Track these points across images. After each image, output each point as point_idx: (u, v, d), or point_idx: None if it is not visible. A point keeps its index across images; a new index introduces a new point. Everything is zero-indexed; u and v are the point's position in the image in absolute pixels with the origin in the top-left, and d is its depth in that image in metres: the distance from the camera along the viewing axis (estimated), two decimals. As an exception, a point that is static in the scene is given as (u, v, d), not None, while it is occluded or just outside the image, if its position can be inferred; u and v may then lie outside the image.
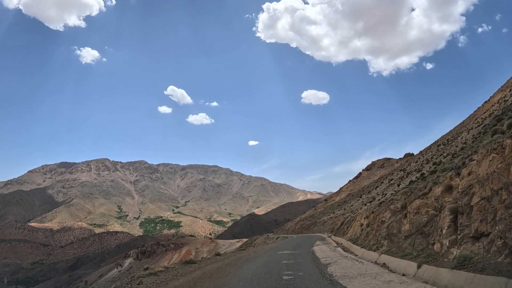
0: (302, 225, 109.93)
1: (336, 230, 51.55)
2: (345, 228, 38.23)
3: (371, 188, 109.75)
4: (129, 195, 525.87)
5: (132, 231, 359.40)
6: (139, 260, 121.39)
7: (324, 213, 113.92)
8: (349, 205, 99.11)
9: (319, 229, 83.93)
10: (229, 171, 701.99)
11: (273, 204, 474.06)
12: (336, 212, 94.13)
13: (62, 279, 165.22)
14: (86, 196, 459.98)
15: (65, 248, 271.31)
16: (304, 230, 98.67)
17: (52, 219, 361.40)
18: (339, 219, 66.36)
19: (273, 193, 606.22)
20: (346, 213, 74.30)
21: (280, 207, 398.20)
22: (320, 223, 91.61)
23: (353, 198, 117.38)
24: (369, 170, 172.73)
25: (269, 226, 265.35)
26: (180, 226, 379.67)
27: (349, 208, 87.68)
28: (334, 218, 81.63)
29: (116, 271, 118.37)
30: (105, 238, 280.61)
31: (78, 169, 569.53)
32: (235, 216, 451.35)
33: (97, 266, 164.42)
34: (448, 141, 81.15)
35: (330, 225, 74.16)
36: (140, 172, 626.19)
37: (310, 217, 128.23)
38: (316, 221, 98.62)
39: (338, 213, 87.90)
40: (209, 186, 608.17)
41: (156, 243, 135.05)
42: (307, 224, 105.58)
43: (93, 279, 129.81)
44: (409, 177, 70.21)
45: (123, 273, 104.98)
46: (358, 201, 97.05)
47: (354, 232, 29.62)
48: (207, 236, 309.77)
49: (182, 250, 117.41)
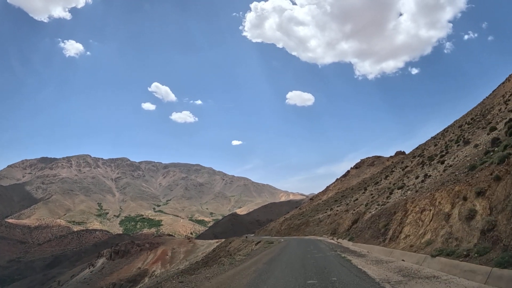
0: (290, 225, 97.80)
1: (345, 233, 39.78)
2: (391, 228, 23.28)
3: (377, 179, 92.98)
4: (110, 193, 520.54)
5: (112, 229, 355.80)
6: (112, 260, 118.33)
7: (318, 211, 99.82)
8: (351, 199, 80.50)
9: (313, 230, 73.46)
10: (212, 171, 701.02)
11: (256, 204, 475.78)
12: (336, 209, 78.29)
13: (37, 278, 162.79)
14: (66, 193, 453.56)
15: (43, 246, 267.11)
16: (293, 231, 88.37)
17: (31, 215, 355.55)
18: (344, 216, 52.47)
19: (256, 193, 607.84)
20: (353, 208, 57.75)
21: (262, 207, 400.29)
22: (314, 222, 79.60)
23: (353, 192, 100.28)
24: (358, 168, 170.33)
25: (251, 227, 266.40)
26: (160, 225, 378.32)
27: (353, 203, 70.11)
28: (335, 215, 68.09)
29: (88, 272, 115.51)
30: (84, 236, 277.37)
31: (59, 164, 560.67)
32: (217, 216, 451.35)
33: (72, 265, 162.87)
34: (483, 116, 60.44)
35: (329, 225, 62.53)
36: (121, 169, 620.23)
37: (299, 215, 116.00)
38: (308, 220, 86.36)
39: (339, 209, 72.42)
40: (191, 185, 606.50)
41: (130, 242, 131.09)
42: (295, 224, 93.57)
43: (66, 279, 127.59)
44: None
45: (94, 274, 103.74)
46: (363, 193, 77.96)
47: (430, 231, 16.83)
48: (187, 236, 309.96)
49: (158, 250, 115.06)
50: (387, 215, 26.75)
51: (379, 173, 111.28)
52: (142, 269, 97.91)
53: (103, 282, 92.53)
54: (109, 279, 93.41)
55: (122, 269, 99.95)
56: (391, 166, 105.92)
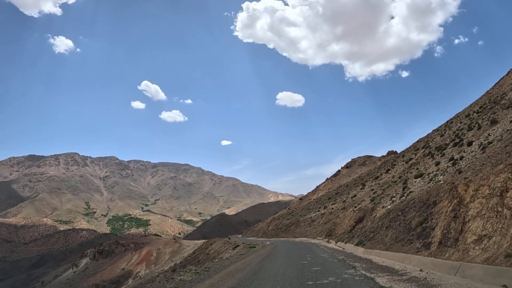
0: (277, 226, 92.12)
1: (346, 234, 34.85)
2: (436, 226, 17.25)
3: (376, 174, 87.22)
4: (98, 192, 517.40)
5: (99, 228, 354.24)
6: (96, 260, 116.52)
7: (310, 209, 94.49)
8: (348, 196, 75.47)
9: (304, 231, 68.79)
10: (201, 170, 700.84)
11: (244, 204, 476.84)
12: (331, 207, 72.40)
13: (20, 278, 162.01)
14: (53, 191, 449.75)
15: (29, 245, 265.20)
16: (281, 232, 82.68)
17: (17, 214, 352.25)
18: (342, 215, 48.76)
19: (245, 194, 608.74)
20: (352, 205, 51.97)
21: (251, 208, 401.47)
22: (305, 222, 74.44)
23: (348, 189, 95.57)
24: (349, 167, 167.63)
25: (239, 227, 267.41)
26: (148, 225, 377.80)
27: (350, 200, 64.72)
28: (330, 214, 62.60)
29: (71, 272, 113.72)
30: (71, 235, 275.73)
31: (46, 162, 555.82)
32: (205, 216, 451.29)
33: (57, 265, 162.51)
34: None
35: (324, 225, 58.72)
36: (110, 168, 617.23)
37: (289, 215, 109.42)
38: (299, 219, 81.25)
39: (335, 207, 65.99)
40: (180, 184, 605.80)
41: (114, 242, 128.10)
42: (284, 224, 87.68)
43: (50, 279, 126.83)
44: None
45: (77, 274, 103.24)
46: (362, 189, 72.56)
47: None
48: (175, 236, 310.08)
49: (143, 250, 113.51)
50: (418, 208, 20.64)
51: (377, 169, 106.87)
52: (126, 270, 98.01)
53: (85, 283, 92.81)
54: (92, 280, 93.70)
55: (105, 269, 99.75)
56: (390, 161, 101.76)
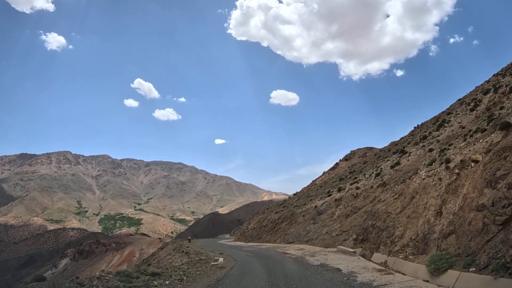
0: (261, 223, 63.38)
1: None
2: None
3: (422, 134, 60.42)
4: (90, 190, 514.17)
5: (91, 227, 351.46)
6: (75, 261, 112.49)
7: (312, 197, 65.74)
8: (381, 166, 52.37)
9: (303, 232, 41.60)
10: (194, 169, 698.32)
11: (237, 203, 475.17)
12: (352, 186, 46.36)
13: (5, 279, 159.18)
14: (45, 190, 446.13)
15: (19, 245, 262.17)
16: (266, 233, 56.55)
17: (7, 213, 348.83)
18: (395, 196, 24.95)
19: (238, 193, 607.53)
20: (404, 179, 27.58)
21: (244, 207, 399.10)
22: (305, 216, 46.65)
23: (373, 163, 73.83)
24: (348, 160, 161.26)
25: (231, 226, 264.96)
26: (140, 224, 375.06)
27: (392, 172, 40.44)
28: (354, 198, 36.94)
29: (49, 273, 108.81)
30: (61, 234, 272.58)
31: (38, 161, 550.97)
32: (198, 215, 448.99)
33: (42, 266, 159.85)
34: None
35: (346, 220, 33.56)
36: (102, 166, 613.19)
37: (278, 207, 77.88)
38: (294, 212, 52.18)
39: (364, 185, 41.32)
40: (173, 183, 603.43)
41: (95, 242, 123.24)
42: (271, 220, 58.35)
43: (31, 280, 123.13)
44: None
45: (56, 276, 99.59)
46: (406, 156, 47.30)
47: None
48: (168, 235, 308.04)
49: (125, 251, 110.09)
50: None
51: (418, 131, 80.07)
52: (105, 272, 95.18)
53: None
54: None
55: (84, 271, 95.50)
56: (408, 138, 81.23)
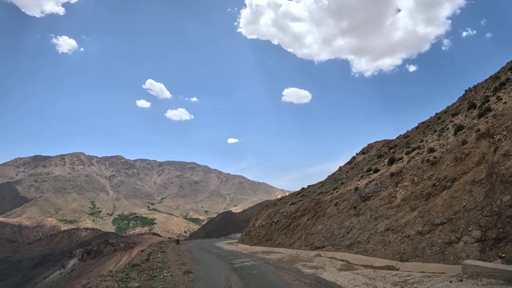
0: (271, 219, 46.72)
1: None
2: None
3: None
4: (104, 191, 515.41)
5: (104, 227, 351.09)
6: (83, 261, 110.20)
7: (342, 180, 46.02)
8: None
9: (337, 231, 26.77)
10: (207, 169, 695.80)
11: (251, 202, 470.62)
12: (412, 154, 28.95)
13: (16, 279, 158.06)
14: (59, 191, 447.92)
15: (33, 245, 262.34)
16: (279, 233, 39.79)
17: (22, 214, 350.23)
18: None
19: (251, 192, 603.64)
20: None
21: (257, 205, 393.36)
22: (342, 204, 30.06)
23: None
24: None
25: (244, 224, 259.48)
26: (154, 224, 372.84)
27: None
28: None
29: (57, 274, 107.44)
30: (74, 235, 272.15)
31: (52, 162, 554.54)
32: (211, 214, 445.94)
33: (53, 266, 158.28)
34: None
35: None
36: (116, 167, 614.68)
37: (295, 196, 60.50)
38: (320, 201, 35.67)
39: (427, 149, 26.11)
40: (186, 183, 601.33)
41: (103, 242, 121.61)
42: (288, 213, 41.51)
43: (41, 280, 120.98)
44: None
45: (63, 276, 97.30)
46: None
47: None
48: (181, 234, 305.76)
49: (134, 251, 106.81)
50: None
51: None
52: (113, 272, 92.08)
53: (69, 286, 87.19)
54: (76, 283, 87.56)
55: (91, 272, 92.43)
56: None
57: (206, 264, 27.29)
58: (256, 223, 55.20)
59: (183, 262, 29.07)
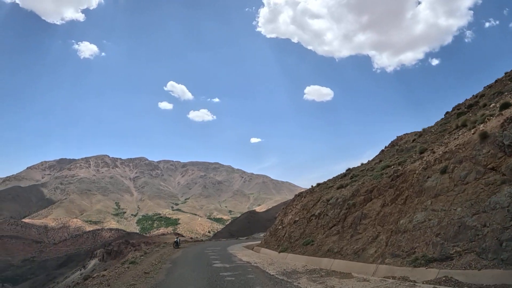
0: (311, 213, 31.04)
1: None
2: None
3: None
4: (128, 192, 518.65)
5: (128, 228, 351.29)
6: (104, 261, 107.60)
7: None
8: None
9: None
10: (231, 168, 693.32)
11: (274, 201, 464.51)
12: None
13: (40, 278, 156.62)
14: (84, 193, 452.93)
15: (58, 245, 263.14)
16: (324, 230, 25.94)
17: (48, 215, 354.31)
18: None
19: (275, 191, 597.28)
20: None
21: (281, 204, 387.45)
22: (465, 159, 15.65)
23: None
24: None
25: (268, 224, 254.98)
26: (178, 224, 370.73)
27: None
28: None
29: (78, 274, 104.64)
30: (99, 235, 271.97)
31: (77, 165, 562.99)
32: (235, 214, 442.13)
33: (76, 266, 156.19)
34: None
35: None
36: (140, 168, 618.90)
37: (346, 178, 34.99)
38: (404, 172, 20.68)
39: None
40: (210, 183, 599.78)
41: (124, 242, 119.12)
42: (340, 200, 26.16)
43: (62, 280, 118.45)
44: None
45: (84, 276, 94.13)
46: None
47: None
48: (205, 234, 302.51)
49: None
50: None
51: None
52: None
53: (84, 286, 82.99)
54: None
55: None
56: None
57: None
58: (286, 218, 39.11)
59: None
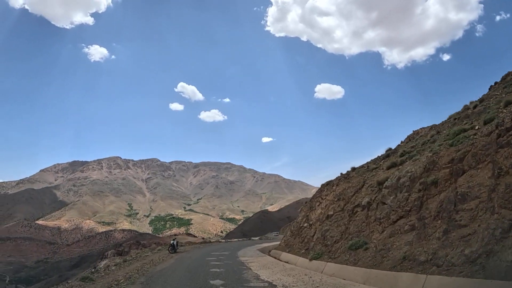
0: (353, 203, 20.83)
1: None
2: None
3: None
4: (140, 193, 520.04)
5: (141, 229, 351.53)
6: None
7: None
8: None
9: None
10: (242, 168, 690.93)
11: (287, 201, 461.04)
12: None
13: (53, 279, 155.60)
14: (96, 194, 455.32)
15: (71, 246, 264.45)
16: (378, 224, 16.84)
17: (61, 217, 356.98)
18: None
19: (287, 190, 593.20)
20: None
21: (294, 203, 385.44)
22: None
23: None
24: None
25: (281, 223, 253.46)
26: (190, 224, 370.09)
27: None
28: None
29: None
30: (112, 236, 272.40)
31: (90, 167, 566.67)
32: (247, 213, 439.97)
33: (88, 267, 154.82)
34: None
35: None
36: (152, 170, 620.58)
37: (393, 158, 25.23)
38: None
39: None
40: (222, 183, 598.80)
41: (135, 242, 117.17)
42: (404, 182, 16.66)
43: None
44: None
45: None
46: None
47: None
48: (217, 234, 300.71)
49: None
50: None
51: None
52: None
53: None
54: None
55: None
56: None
57: None
58: (313, 214, 28.10)
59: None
